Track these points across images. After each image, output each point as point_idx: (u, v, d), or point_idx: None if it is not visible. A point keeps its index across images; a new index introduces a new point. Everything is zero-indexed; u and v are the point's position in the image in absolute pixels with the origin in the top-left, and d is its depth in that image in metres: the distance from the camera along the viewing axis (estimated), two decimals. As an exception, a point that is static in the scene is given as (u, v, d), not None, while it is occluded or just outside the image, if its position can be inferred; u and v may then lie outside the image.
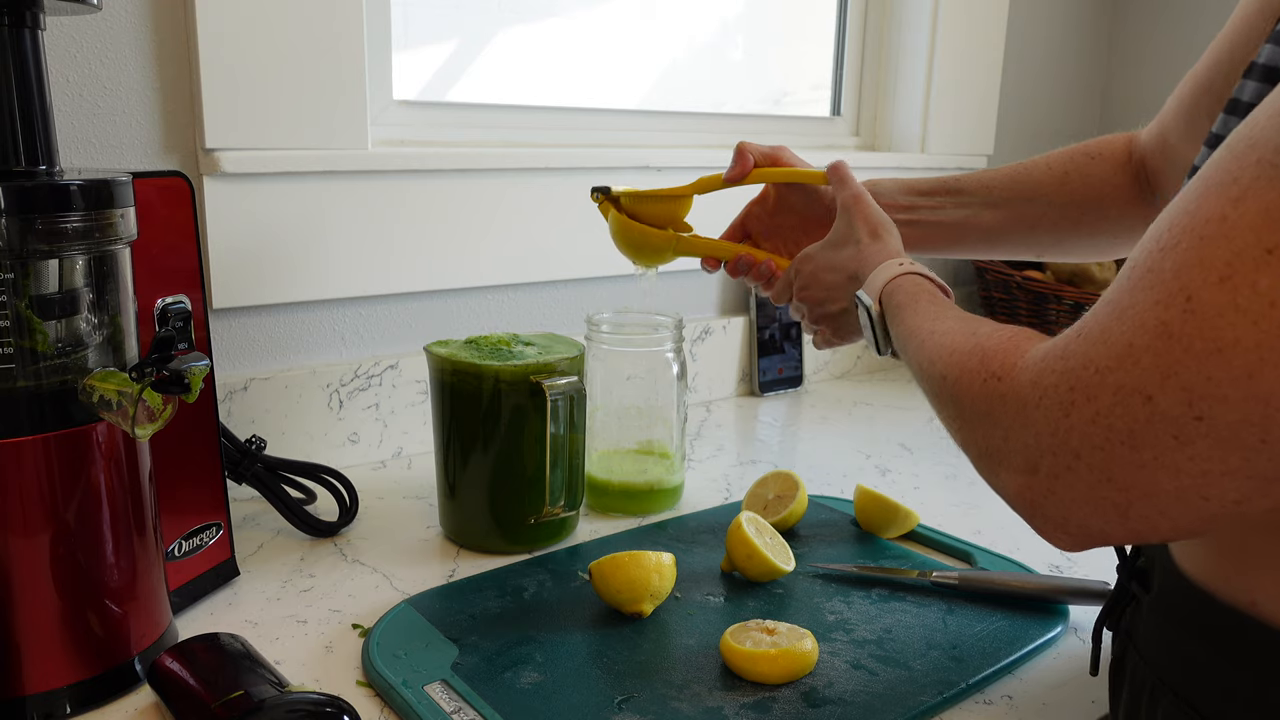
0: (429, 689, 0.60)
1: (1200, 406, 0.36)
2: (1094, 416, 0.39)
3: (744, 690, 0.62)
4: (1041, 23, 1.61)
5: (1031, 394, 0.42)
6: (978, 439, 0.47)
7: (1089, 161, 0.76)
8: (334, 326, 1.01)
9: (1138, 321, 0.38)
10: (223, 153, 0.89)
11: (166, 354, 0.62)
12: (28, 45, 0.57)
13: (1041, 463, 0.41)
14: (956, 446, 0.52)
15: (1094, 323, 0.40)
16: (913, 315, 0.60)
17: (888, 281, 0.65)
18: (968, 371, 0.48)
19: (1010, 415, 0.43)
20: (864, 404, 1.32)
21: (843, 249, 0.72)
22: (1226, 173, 0.36)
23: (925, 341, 0.55)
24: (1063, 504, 0.41)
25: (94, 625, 0.60)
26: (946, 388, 0.50)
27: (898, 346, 0.62)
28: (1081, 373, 0.40)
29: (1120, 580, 0.57)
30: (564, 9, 1.21)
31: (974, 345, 0.49)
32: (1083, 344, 0.40)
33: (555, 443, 0.79)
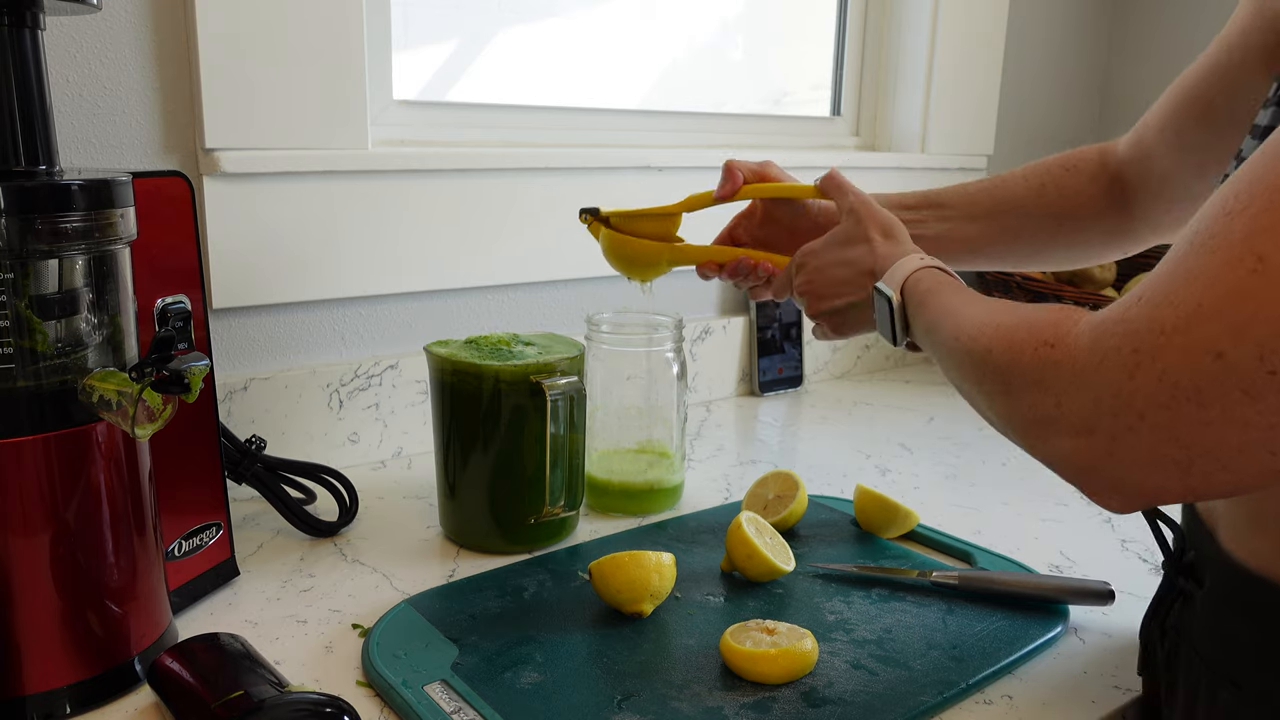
0: (429, 689, 0.60)
1: (1272, 360, 0.37)
2: (1160, 375, 0.40)
3: (744, 690, 0.62)
4: (1041, 23, 1.61)
5: (1090, 359, 0.43)
6: (1025, 408, 0.47)
7: (1064, 174, 0.78)
8: (334, 326, 1.01)
9: (1207, 283, 0.39)
10: (223, 153, 0.89)
11: (166, 354, 0.62)
12: (28, 45, 0.57)
13: (1100, 425, 0.42)
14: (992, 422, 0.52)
15: (1156, 288, 0.41)
16: (943, 299, 0.61)
17: (910, 274, 0.65)
18: (1016, 343, 0.49)
19: (1065, 381, 0.44)
20: (864, 404, 1.32)
21: (853, 247, 0.72)
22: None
23: (963, 321, 0.56)
24: (1122, 464, 0.42)
25: (94, 625, 0.60)
26: (992, 360, 0.50)
27: (922, 332, 0.63)
28: (1146, 335, 0.40)
29: (1167, 576, 0.57)
30: (564, 9, 1.21)
31: (1020, 319, 0.50)
32: (1145, 308, 0.41)
33: (555, 443, 0.79)
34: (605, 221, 0.86)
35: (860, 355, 1.48)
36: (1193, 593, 0.54)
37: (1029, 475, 1.04)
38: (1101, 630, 0.72)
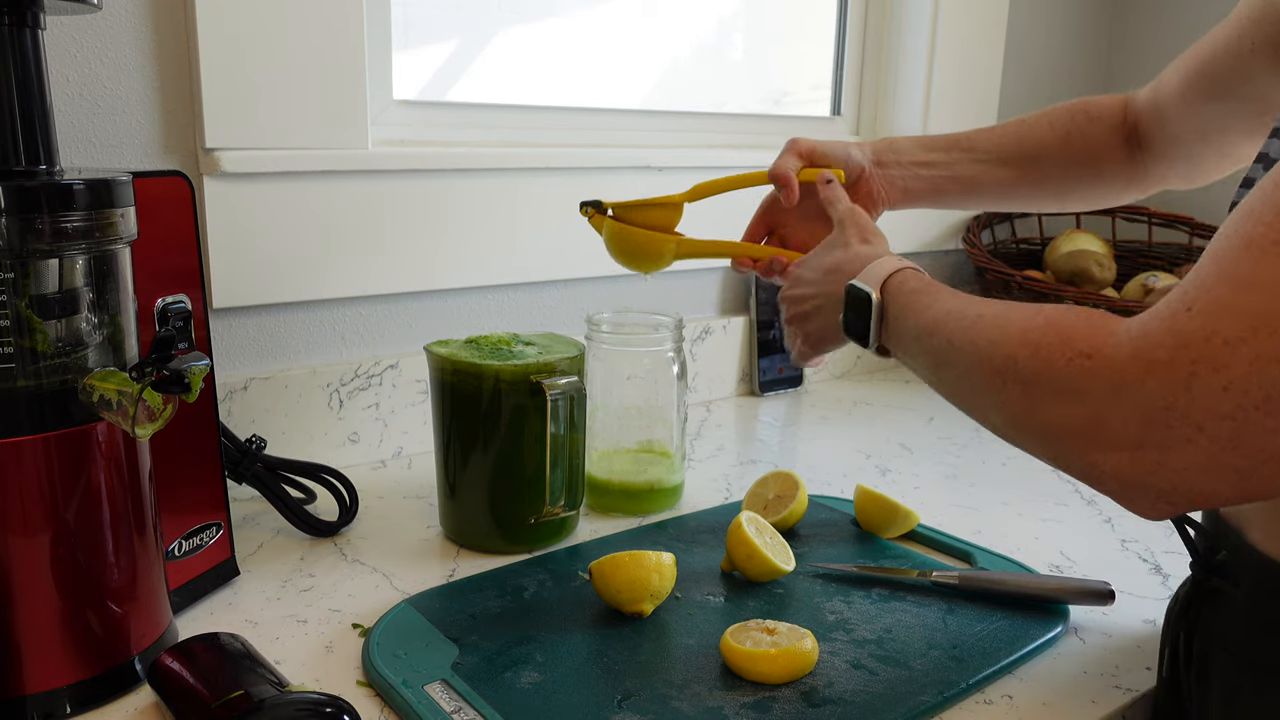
0: (429, 689, 0.60)
1: None
2: (1224, 386, 0.39)
3: (744, 690, 0.62)
4: (1041, 23, 1.61)
5: (1134, 371, 0.42)
6: (1054, 419, 0.46)
7: (1089, 122, 0.79)
8: (334, 326, 1.01)
9: (1269, 292, 0.38)
10: (223, 153, 0.89)
11: (166, 354, 0.62)
12: (28, 45, 0.57)
13: (1150, 438, 0.41)
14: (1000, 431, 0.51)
15: (1207, 298, 0.40)
16: (940, 300, 0.58)
17: (891, 273, 0.64)
18: (1044, 349, 0.47)
19: (1105, 393, 0.43)
20: (864, 404, 1.32)
21: (831, 252, 0.72)
22: None
23: (974, 324, 0.53)
24: (1173, 474, 0.42)
25: (94, 625, 0.60)
26: (1016, 368, 0.48)
27: (911, 334, 0.60)
28: (1204, 346, 0.40)
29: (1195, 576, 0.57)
30: (564, 9, 1.21)
31: (1045, 323, 0.48)
32: (1198, 319, 0.40)
33: (555, 443, 0.79)
34: (607, 213, 0.86)
35: (860, 355, 1.48)
36: (1228, 592, 0.54)
37: (1029, 475, 1.04)
38: (1101, 630, 0.72)
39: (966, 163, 0.82)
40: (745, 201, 0.90)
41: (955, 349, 0.54)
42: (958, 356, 0.54)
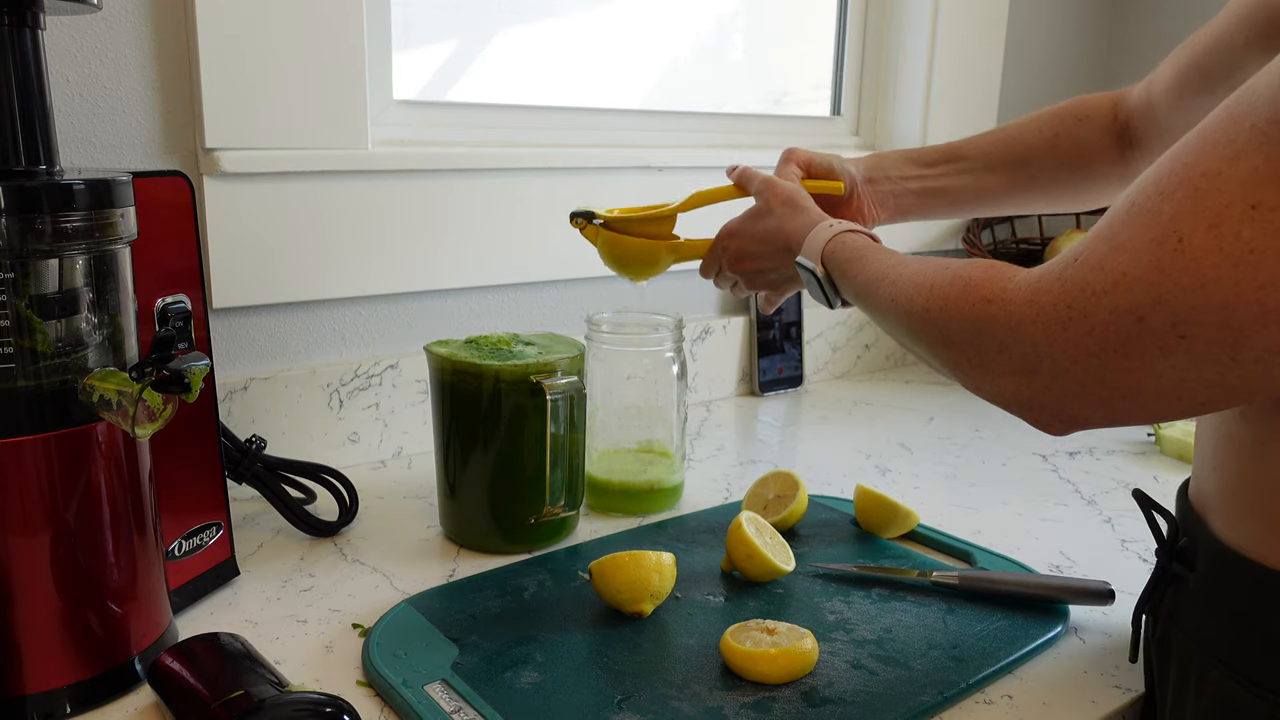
0: (429, 689, 0.60)
1: (1183, 328, 0.42)
2: (1090, 330, 0.45)
3: (744, 690, 0.62)
4: (1041, 23, 1.61)
5: (1028, 311, 0.48)
6: (968, 355, 0.53)
7: (1078, 124, 0.80)
8: (334, 326, 1.01)
9: (1134, 255, 0.44)
10: (223, 153, 0.89)
11: (166, 354, 0.62)
12: (28, 45, 0.57)
13: (1041, 366, 0.48)
14: (933, 367, 0.58)
15: (1090, 253, 0.46)
16: (868, 265, 0.65)
17: (825, 243, 0.70)
18: (953, 299, 0.53)
19: (1005, 330, 0.50)
20: (864, 404, 1.32)
21: (763, 220, 0.79)
22: (1224, 133, 0.42)
23: (896, 283, 0.60)
24: (1058, 399, 0.48)
25: (94, 625, 0.60)
26: (931, 318, 0.55)
27: (853, 296, 0.68)
28: (1079, 294, 0.46)
29: (1160, 563, 0.58)
30: (564, 9, 1.21)
31: (953, 276, 0.55)
32: (1080, 270, 0.46)
33: (555, 443, 0.79)
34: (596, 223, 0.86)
35: (860, 355, 1.48)
36: (1185, 577, 0.56)
37: (1029, 475, 1.04)
38: (1101, 630, 0.72)
39: (955, 174, 0.84)
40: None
41: (885, 306, 0.61)
42: (888, 312, 0.61)
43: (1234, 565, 0.51)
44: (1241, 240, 0.40)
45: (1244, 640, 0.51)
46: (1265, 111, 0.40)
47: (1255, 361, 0.41)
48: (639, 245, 0.85)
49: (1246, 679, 0.50)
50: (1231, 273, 0.40)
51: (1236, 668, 0.51)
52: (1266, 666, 0.49)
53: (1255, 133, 0.40)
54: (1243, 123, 0.41)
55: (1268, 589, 0.49)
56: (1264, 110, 0.40)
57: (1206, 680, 0.53)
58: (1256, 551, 0.50)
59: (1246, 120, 0.41)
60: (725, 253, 0.82)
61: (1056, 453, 1.12)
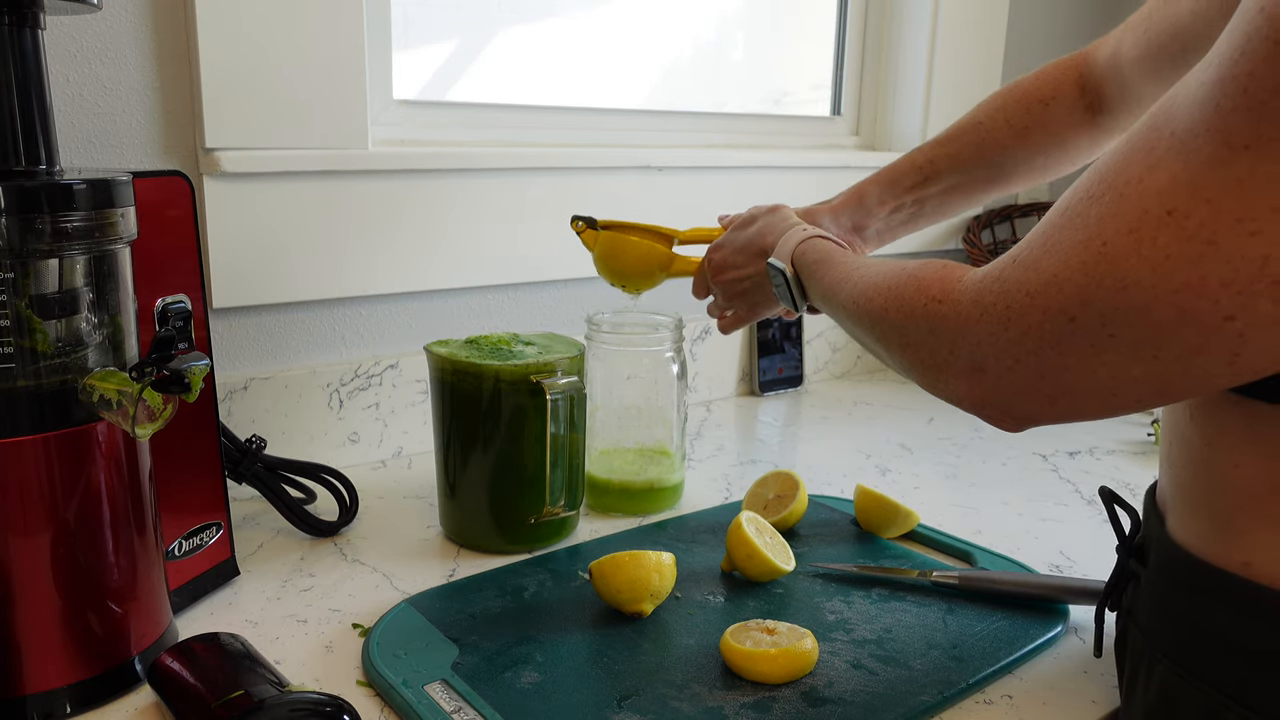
0: (429, 689, 0.60)
1: (1111, 328, 0.43)
2: (1027, 330, 0.46)
3: (744, 690, 0.62)
4: (1041, 23, 1.61)
5: (973, 311, 0.50)
6: (923, 356, 0.54)
7: (1045, 109, 0.80)
8: (334, 326, 1.01)
9: (1063, 257, 0.45)
10: (223, 153, 0.89)
11: (166, 353, 0.62)
12: (28, 45, 0.57)
13: (987, 365, 0.49)
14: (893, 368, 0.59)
15: (1027, 253, 0.47)
16: (833, 268, 0.68)
17: (796, 245, 0.74)
18: (906, 300, 0.55)
19: (954, 330, 0.51)
20: (864, 404, 1.32)
21: (745, 229, 0.82)
22: (1145, 141, 0.43)
23: (857, 284, 0.62)
24: (1005, 396, 0.50)
25: (94, 625, 0.60)
26: (888, 317, 0.57)
27: (819, 298, 0.70)
28: (1016, 294, 0.47)
29: (1120, 559, 0.59)
30: (564, 9, 1.21)
31: (908, 278, 0.56)
32: (1017, 270, 0.48)
33: (555, 442, 0.79)
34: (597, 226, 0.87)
35: (860, 355, 1.48)
36: (1141, 574, 0.57)
37: (1029, 475, 1.04)
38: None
39: (935, 193, 0.85)
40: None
41: (848, 308, 0.63)
42: (850, 314, 0.63)
43: (1181, 562, 0.52)
44: (1158, 245, 0.41)
45: (1186, 636, 0.52)
46: (1183, 121, 0.41)
47: (1176, 360, 0.42)
48: (635, 254, 0.86)
49: (1188, 672, 0.51)
50: (1150, 276, 0.41)
51: (1180, 661, 0.52)
52: (1206, 661, 0.50)
53: (1174, 140, 0.41)
54: (1163, 130, 0.42)
55: (1210, 586, 0.50)
56: (1182, 120, 0.41)
57: (1153, 675, 0.54)
58: (1202, 549, 0.51)
59: (1167, 128, 0.42)
60: (710, 265, 0.85)
61: (1056, 453, 1.12)
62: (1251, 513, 0.48)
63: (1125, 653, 0.59)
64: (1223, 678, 0.49)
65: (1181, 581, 0.52)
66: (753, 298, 0.83)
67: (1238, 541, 0.49)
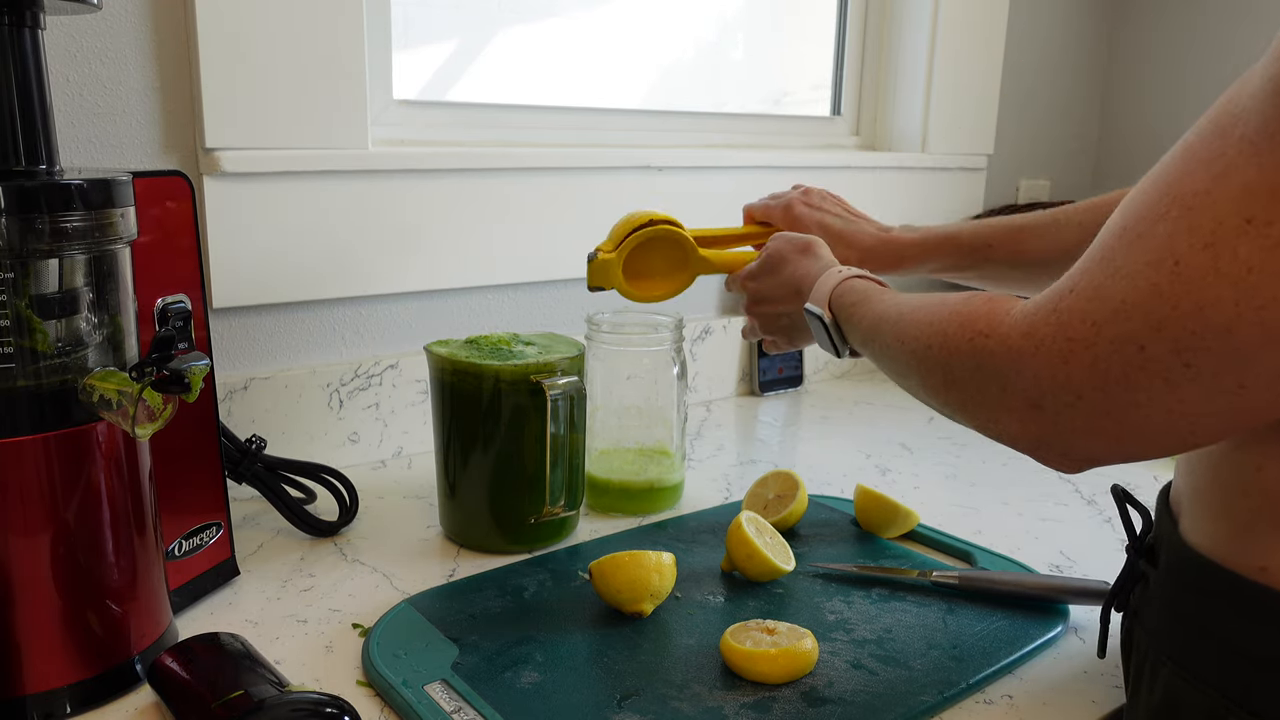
0: (429, 689, 0.60)
1: (1187, 355, 0.40)
2: (1092, 363, 0.43)
3: (744, 690, 0.62)
4: (1041, 23, 1.61)
5: (1026, 345, 0.46)
6: (971, 394, 0.51)
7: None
8: (334, 326, 1.01)
9: (1130, 281, 0.42)
10: (223, 152, 0.89)
11: (166, 353, 0.62)
12: (28, 45, 0.57)
13: (1045, 402, 0.46)
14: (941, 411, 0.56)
15: (1086, 281, 0.44)
16: (872, 307, 0.65)
17: (833, 289, 0.70)
18: (950, 336, 0.52)
19: (1005, 366, 0.48)
20: (864, 404, 1.32)
21: (781, 269, 0.79)
22: (1209, 147, 0.40)
23: (897, 323, 0.59)
24: (1065, 436, 0.46)
25: (94, 625, 0.60)
26: (932, 356, 0.54)
27: (860, 341, 0.67)
28: (1079, 325, 0.44)
29: (1130, 559, 0.59)
30: (564, 9, 1.21)
31: (950, 313, 0.53)
32: (1076, 300, 0.44)
33: (555, 442, 0.79)
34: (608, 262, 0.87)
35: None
36: (1149, 574, 0.56)
37: (1029, 475, 1.04)
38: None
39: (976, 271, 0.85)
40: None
41: (889, 349, 0.60)
42: (892, 355, 0.60)
43: (1192, 564, 0.51)
44: (1239, 258, 0.38)
45: (1193, 639, 0.51)
46: (1254, 121, 0.39)
47: (1265, 388, 0.39)
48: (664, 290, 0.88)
49: (1193, 675, 0.50)
50: (1231, 293, 0.38)
51: (1184, 664, 0.51)
52: (1212, 664, 0.50)
53: (1244, 143, 0.39)
54: (1229, 134, 0.39)
55: (1221, 589, 0.49)
56: (1253, 120, 0.39)
57: (1158, 677, 0.53)
58: (1216, 552, 0.50)
59: (1234, 131, 0.39)
60: (747, 295, 0.84)
61: (1056, 453, 1.12)
62: (1272, 517, 0.47)
63: (1130, 654, 0.58)
64: (1228, 682, 0.48)
65: (1191, 584, 0.51)
66: (793, 333, 0.81)
67: (1255, 545, 0.48)
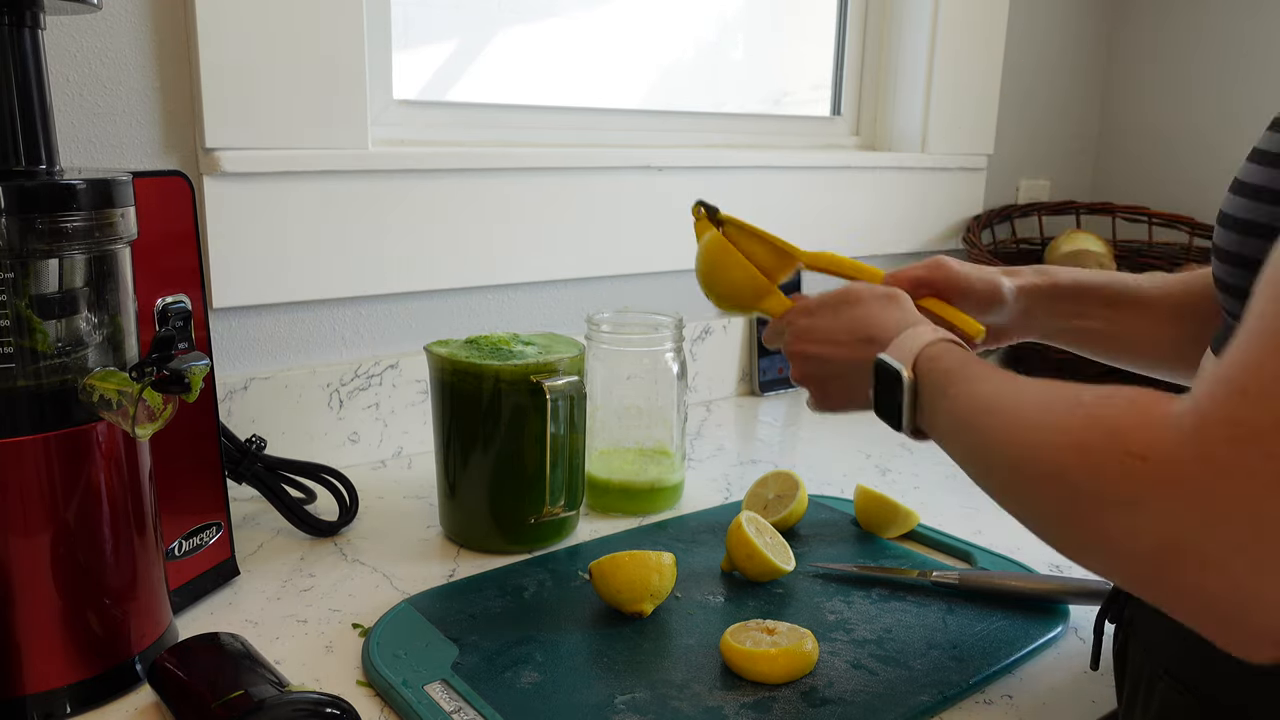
0: (429, 689, 0.60)
1: None
2: None
3: (744, 690, 0.62)
4: (1041, 23, 1.61)
5: (1201, 472, 0.35)
6: (1118, 536, 0.39)
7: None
8: (334, 326, 1.01)
9: None
10: (223, 153, 0.89)
11: (166, 353, 0.62)
12: (28, 45, 0.57)
13: (1237, 550, 0.35)
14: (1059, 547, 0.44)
15: (1262, 377, 0.35)
16: (973, 385, 0.52)
17: (924, 347, 0.57)
18: (1093, 451, 0.40)
19: (1170, 502, 0.36)
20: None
21: (848, 308, 0.64)
22: None
23: (1015, 417, 0.46)
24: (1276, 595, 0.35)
25: (94, 625, 0.60)
26: (1063, 476, 0.41)
27: (946, 424, 0.54)
28: (1274, 435, 0.34)
29: None
30: (564, 9, 1.21)
31: (1088, 418, 0.41)
32: (1260, 403, 0.34)
33: (555, 442, 0.79)
34: (719, 224, 0.74)
35: (860, 355, 1.48)
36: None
37: (1029, 475, 1.04)
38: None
39: (1130, 318, 0.70)
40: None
41: (995, 449, 0.47)
42: (999, 458, 0.47)
43: None
44: None
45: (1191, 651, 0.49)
46: None
47: None
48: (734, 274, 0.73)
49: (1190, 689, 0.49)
50: None
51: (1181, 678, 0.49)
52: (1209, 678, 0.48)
53: None
54: None
55: None
56: None
57: (1154, 692, 0.52)
58: None
59: None
60: (791, 326, 0.69)
61: (1056, 453, 1.12)
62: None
63: (1125, 668, 0.57)
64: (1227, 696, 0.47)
65: None
66: (831, 386, 0.66)
67: None
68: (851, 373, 0.63)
